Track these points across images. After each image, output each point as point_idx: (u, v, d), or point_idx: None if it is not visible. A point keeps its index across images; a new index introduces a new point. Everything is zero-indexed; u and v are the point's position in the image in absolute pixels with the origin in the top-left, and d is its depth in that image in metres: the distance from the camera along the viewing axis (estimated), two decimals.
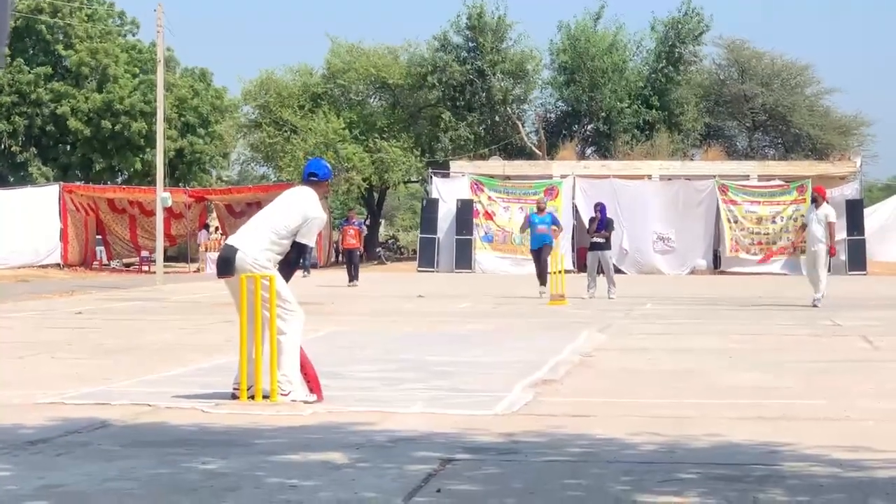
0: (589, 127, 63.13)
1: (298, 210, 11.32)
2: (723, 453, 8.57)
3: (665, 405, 10.99)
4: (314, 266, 52.11)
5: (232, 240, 11.34)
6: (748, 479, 7.63)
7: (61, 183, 52.51)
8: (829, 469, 7.95)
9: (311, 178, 11.92)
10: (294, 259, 11.44)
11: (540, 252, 29.18)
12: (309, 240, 11.43)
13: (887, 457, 8.34)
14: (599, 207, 30.12)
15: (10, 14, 2.20)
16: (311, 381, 11.14)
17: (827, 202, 25.95)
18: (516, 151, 59.85)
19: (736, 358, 15.08)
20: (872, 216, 50.10)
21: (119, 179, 65.98)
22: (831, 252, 25.49)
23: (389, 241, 72.76)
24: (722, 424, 9.74)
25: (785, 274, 44.78)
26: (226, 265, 11.12)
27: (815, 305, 24.93)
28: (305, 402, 10.80)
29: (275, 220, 11.23)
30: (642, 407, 10.86)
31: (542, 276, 28.88)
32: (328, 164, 12.75)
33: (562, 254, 31.98)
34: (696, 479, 7.64)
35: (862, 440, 8.96)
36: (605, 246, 28.89)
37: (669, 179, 49.97)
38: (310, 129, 55.20)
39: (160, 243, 41.84)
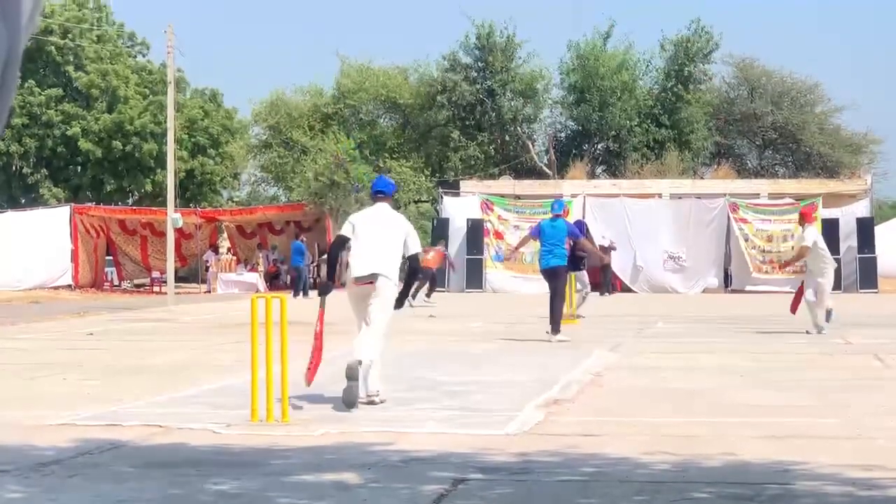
0: (599, 146, 63.15)
1: (400, 227, 13.02)
2: (735, 472, 8.55)
3: (677, 424, 10.96)
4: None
5: (374, 268, 12.66)
6: (761, 498, 7.62)
7: (72, 204, 52.55)
8: (842, 488, 7.92)
9: (379, 195, 13.33)
10: (415, 270, 13.37)
11: (552, 275, 21.79)
12: (418, 248, 13.24)
13: None
14: (578, 225, 29.88)
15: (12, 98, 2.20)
16: (313, 368, 12.18)
17: (811, 223, 23.91)
18: (526, 171, 59.87)
19: (747, 376, 15.05)
20: (892, 232, 50.07)
21: (130, 200, 66.05)
22: (784, 265, 23.53)
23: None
24: (734, 443, 9.72)
25: (789, 291, 44.64)
26: (371, 281, 12.70)
27: (809, 332, 22.37)
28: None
29: (392, 242, 12.80)
30: (654, 426, 10.83)
31: (554, 314, 21.68)
32: (391, 180, 14.30)
33: (572, 273, 31.79)
34: (708, 499, 7.63)
35: (875, 459, 8.93)
36: (580, 266, 28.25)
37: (680, 198, 49.91)
38: (320, 149, 55.27)
39: (171, 264, 41.86)
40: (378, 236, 12.79)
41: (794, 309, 23.36)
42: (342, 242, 13.44)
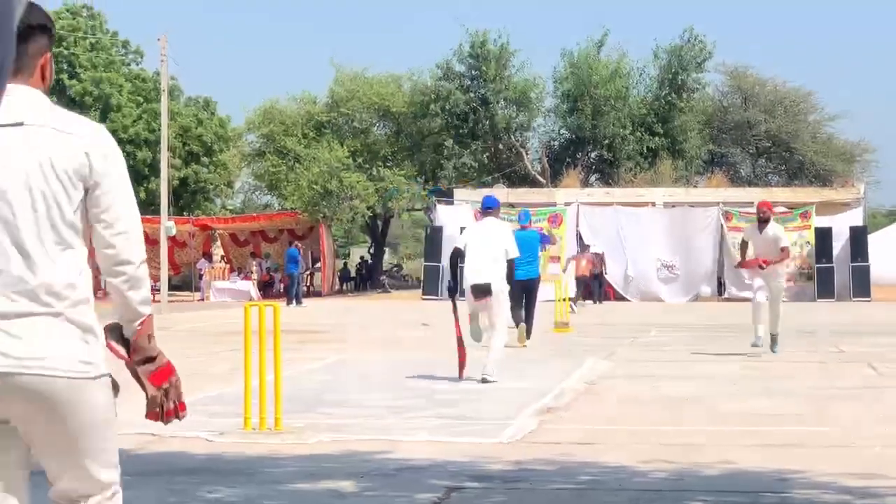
0: (592, 154, 63.12)
1: (504, 237, 15.63)
2: (732, 480, 8.54)
3: (672, 432, 10.96)
4: (318, 294, 52.10)
5: (481, 277, 15.21)
6: None
7: None
8: (839, 496, 7.91)
9: (489, 210, 16.21)
10: (512, 271, 15.61)
11: (526, 286, 21.34)
12: (516, 253, 15.70)
13: None
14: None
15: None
16: (461, 365, 15.55)
17: (775, 218, 20.70)
18: (520, 179, 59.85)
19: (742, 385, 15.05)
20: (884, 240, 50.14)
21: None
22: (764, 263, 19.14)
23: (393, 270, 72.76)
24: (730, 451, 9.71)
25: (784, 300, 44.70)
26: (484, 293, 15.17)
27: (773, 351, 19.18)
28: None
29: (496, 251, 15.32)
30: (649, 434, 10.82)
31: (529, 321, 21.96)
32: (496, 198, 17.30)
33: (566, 281, 31.81)
34: None
35: (871, 467, 8.92)
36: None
37: (673, 206, 49.95)
38: (313, 157, 55.22)
39: (164, 272, 41.82)
40: (486, 248, 15.35)
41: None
42: (459, 254, 15.89)
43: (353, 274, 64.53)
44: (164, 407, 4.29)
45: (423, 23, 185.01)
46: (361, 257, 67.59)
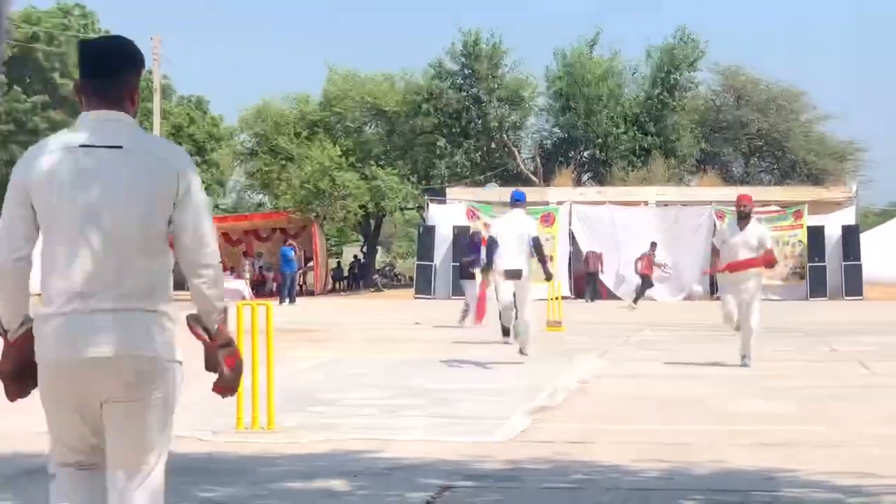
0: (585, 153, 63.11)
1: (530, 226, 18.01)
2: (723, 479, 8.55)
3: (665, 431, 10.98)
4: (310, 294, 52.09)
5: (512, 264, 17.46)
6: None
7: None
8: (830, 495, 7.93)
9: (517, 202, 18.62)
10: (539, 251, 17.99)
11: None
12: (535, 234, 17.95)
13: (888, 482, 8.33)
14: (473, 235, 30.31)
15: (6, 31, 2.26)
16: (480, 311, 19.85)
17: (756, 217, 18.55)
18: (512, 178, 59.79)
19: (735, 384, 15.06)
20: (876, 239, 50.18)
21: None
22: (752, 264, 17.27)
23: (386, 269, 72.71)
24: (722, 450, 9.73)
25: (775, 299, 44.71)
26: (515, 276, 17.47)
27: (745, 365, 17.33)
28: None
29: (524, 239, 17.60)
30: (642, 433, 10.84)
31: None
32: (523, 191, 20.28)
33: (559, 280, 31.82)
34: None
35: (862, 466, 8.94)
36: (471, 275, 28.34)
37: (666, 205, 49.95)
38: (306, 156, 55.15)
39: None
40: (515, 238, 17.64)
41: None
42: (493, 242, 18.13)
43: (345, 273, 64.50)
44: (232, 384, 5.05)
45: (415, 22, 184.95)
46: (354, 256, 67.53)
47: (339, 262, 69.31)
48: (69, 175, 4.64)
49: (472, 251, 29.56)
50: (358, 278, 61.69)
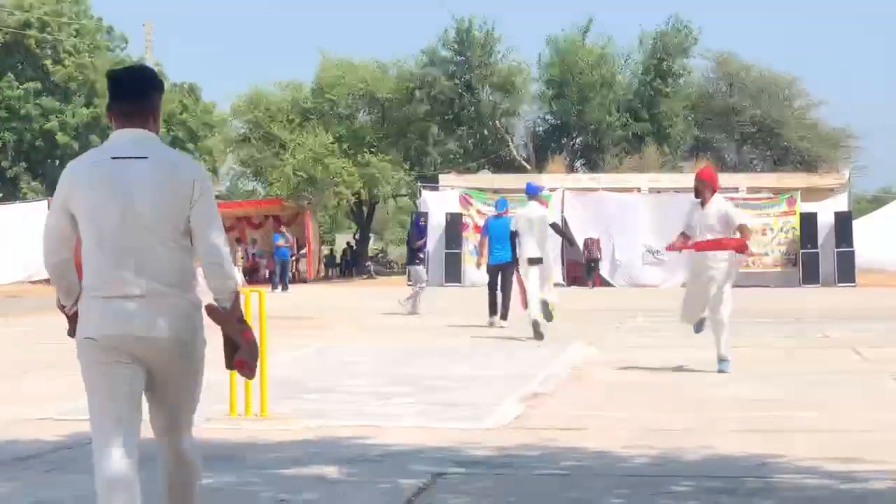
0: (578, 140, 63.15)
1: (545, 218, 20.47)
2: (715, 466, 8.57)
3: (657, 418, 10.99)
4: (303, 281, 52.07)
5: (534, 252, 19.81)
6: (740, 492, 7.64)
7: (50, 198, 52.35)
8: (821, 481, 7.95)
9: (532, 195, 21.03)
10: (560, 233, 22.32)
11: (502, 269, 23.08)
12: (551, 220, 20.83)
13: (880, 468, 8.34)
14: (417, 224, 30.53)
15: None
16: (522, 298, 20.19)
17: (718, 192, 15.62)
18: (505, 165, 59.85)
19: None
20: (869, 226, 50.22)
21: None
22: (738, 247, 15.07)
23: (378, 256, 72.71)
24: (714, 437, 9.74)
25: (767, 286, 44.75)
26: (537, 263, 19.80)
27: (723, 371, 14.75)
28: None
29: (541, 231, 20.04)
30: (634, 420, 10.85)
31: (493, 304, 23.67)
32: (537, 184, 22.43)
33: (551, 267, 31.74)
34: (688, 492, 7.65)
35: (854, 452, 8.96)
36: (415, 261, 28.59)
37: (659, 192, 49.95)
38: (298, 143, 55.07)
39: None
40: (533, 229, 19.93)
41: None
42: (514, 235, 20.60)
43: (338, 260, 64.50)
44: (253, 356, 5.85)
45: (408, 8, 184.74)
46: (347, 243, 67.52)
47: (331, 250, 69.29)
48: (104, 181, 5.56)
49: (418, 235, 29.79)
50: (350, 265, 61.70)
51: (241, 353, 5.86)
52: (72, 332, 5.87)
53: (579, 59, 60.17)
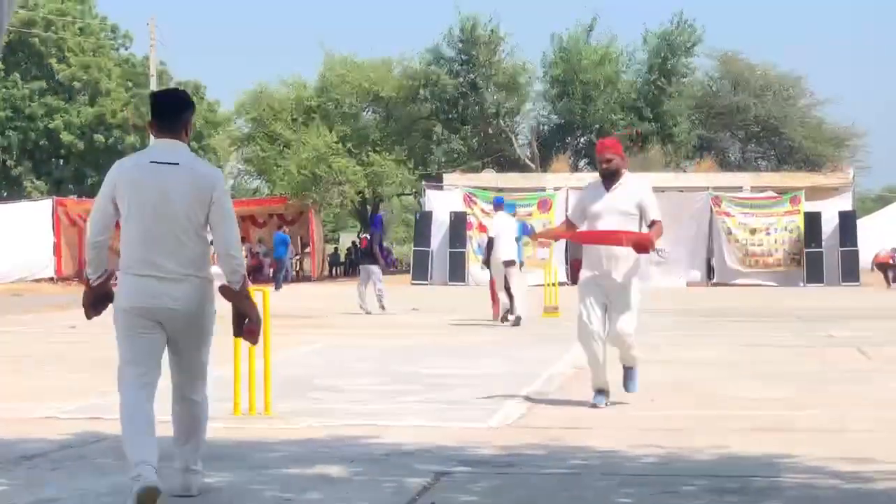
0: (582, 139, 63.13)
1: (514, 225, 23.65)
2: (722, 465, 8.53)
3: (662, 416, 10.96)
4: (307, 279, 52.06)
5: (507, 255, 23.08)
6: (747, 491, 7.60)
7: (54, 197, 52.39)
8: (828, 481, 7.91)
9: (499, 205, 24.63)
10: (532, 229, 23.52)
11: (506, 266, 23.48)
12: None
13: (887, 468, 8.31)
14: (375, 221, 30.32)
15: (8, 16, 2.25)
16: (495, 307, 23.63)
17: (625, 168, 12.16)
18: (509, 164, 59.83)
19: (733, 369, 15.05)
20: (873, 225, 50.18)
21: None
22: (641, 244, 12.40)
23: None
24: (721, 436, 9.71)
25: (771, 285, 44.69)
26: (510, 265, 23.07)
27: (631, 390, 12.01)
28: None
29: (512, 234, 23.26)
30: (640, 419, 10.82)
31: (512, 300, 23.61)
32: (501, 196, 27.58)
33: (555, 266, 31.78)
34: (695, 491, 7.61)
35: (861, 451, 8.92)
36: (372, 261, 28.22)
37: (663, 191, 49.81)
38: (303, 142, 55.05)
39: None
40: (507, 235, 23.13)
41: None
42: (490, 241, 23.62)
43: (342, 259, 64.46)
44: (258, 326, 7.54)
45: (412, 7, 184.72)
46: (352, 242, 67.51)
47: (336, 248, 69.26)
48: (142, 181, 7.12)
49: (375, 228, 29.65)
50: (355, 264, 61.64)
51: (249, 325, 7.42)
52: (86, 298, 7.34)
53: (583, 58, 60.17)
